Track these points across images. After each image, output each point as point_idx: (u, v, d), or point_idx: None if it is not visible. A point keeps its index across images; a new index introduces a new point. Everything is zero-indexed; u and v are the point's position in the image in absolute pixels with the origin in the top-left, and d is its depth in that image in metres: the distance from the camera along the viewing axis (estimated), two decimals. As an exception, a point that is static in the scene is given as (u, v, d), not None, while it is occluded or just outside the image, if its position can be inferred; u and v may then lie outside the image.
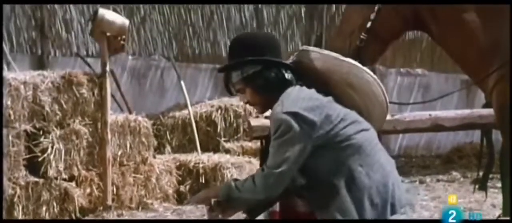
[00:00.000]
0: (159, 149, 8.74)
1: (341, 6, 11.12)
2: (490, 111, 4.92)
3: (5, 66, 7.76)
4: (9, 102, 6.97)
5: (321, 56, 3.55)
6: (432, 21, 4.26)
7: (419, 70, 11.74)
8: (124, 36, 7.46)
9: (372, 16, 4.24)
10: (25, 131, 7.13)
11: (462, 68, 4.43)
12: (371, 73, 3.53)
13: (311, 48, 3.59)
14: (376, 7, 4.23)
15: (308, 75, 3.54)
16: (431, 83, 11.71)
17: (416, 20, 4.29)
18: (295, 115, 3.36)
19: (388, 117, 7.12)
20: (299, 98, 3.43)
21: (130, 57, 10.09)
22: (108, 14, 7.38)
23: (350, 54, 4.19)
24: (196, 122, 8.91)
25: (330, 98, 3.45)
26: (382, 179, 3.39)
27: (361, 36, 4.25)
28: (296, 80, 3.53)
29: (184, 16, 10.44)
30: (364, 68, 3.53)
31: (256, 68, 3.54)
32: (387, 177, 3.40)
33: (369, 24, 4.25)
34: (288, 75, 3.53)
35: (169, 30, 10.41)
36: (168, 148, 9.05)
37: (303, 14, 10.63)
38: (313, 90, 3.46)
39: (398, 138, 11.32)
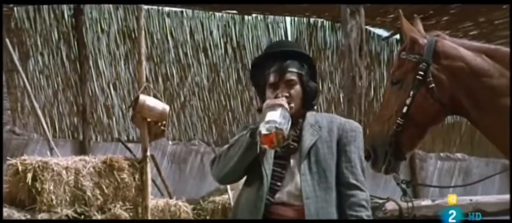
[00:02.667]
0: (199, 234, 8.74)
1: (379, 91, 11.17)
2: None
3: (48, 152, 7.86)
4: (51, 187, 7.03)
5: None
6: (470, 106, 4.25)
7: (459, 155, 11.67)
8: (164, 122, 7.51)
9: (408, 101, 4.25)
10: (67, 215, 7.17)
11: (502, 151, 4.41)
12: None
13: None
14: (411, 92, 4.24)
15: None
16: (471, 168, 11.62)
17: (453, 105, 4.28)
18: None
19: (429, 202, 7.10)
20: None
21: (170, 142, 10.17)
22: (148, 100, 7.45)
23: (388, 139, 4.20)
24: (235, 206, 8.90)
25: None
26: None
27: (398, 121, 4.25)
28: None
29: (223, 102, 10.54)
30: None
31: (311, 74, 3.81)
32: None
33: (405, 109, 4.25)
34: None
35: (209, 115, 10.50)
36: (208, 232, 9.04)
37: (341, 99, 10.69)
38: None
39: (439, 223, 11.18)
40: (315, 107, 3.88)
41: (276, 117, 3.53)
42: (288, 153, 3.70)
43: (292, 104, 3.71)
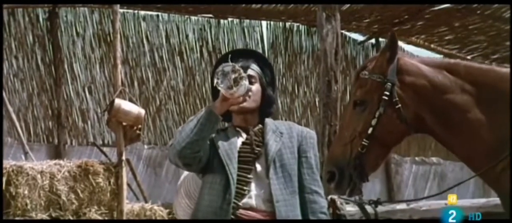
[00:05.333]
0: (174, 238, 8.71)
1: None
2: (506, 200, 4.90)
3: (22, 156, 7.81)
4: (26, 192, 7.00)
5: None
6: (434, 123, 4.25)
7: (434, 159, 11.73)
8: (140, 126, 7.49)
9: (373, 121, 4.23)
10: (41, 220, 7.13)
11: (467, 163, 4.42)
12: None
13: None
14: (377, 113, 4.23)
15: None
16: (446, 172, 11.68)
17: (417, 124, 4.28)
18: None
19: (404, 206, 7.13)
20: None
21: (146, 146, 10.15)
22: (124, 104, 7.42)
23: (351, 161, 4.19)
24: (211, 211, 8.87)
25: None
26: None
27: (363, 143, 4.23)
28: None
29: (199, 106, 10.53)
30: None
31: (271, 83, 3.88)
32: None
33: (370, 130, 4.23)
34: None
35: (185, 119, 10.47)
36: (183, 237, 9.01)
37: (317, 103, 10.71)
38: None
39: (414, 227, 11.24)
40: (272, 116, 3.92)
41: (229, 63, 3.61)
42: (253, 158, 3.72)
43: (253, 99, 3.78)
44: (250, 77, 3.75)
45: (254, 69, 3.81)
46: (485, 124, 4.17)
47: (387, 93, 4.20)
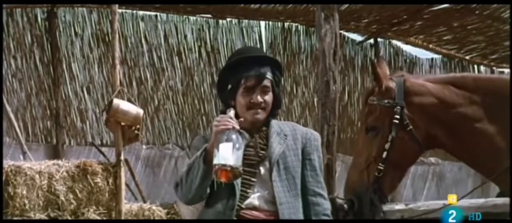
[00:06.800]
0: (173, 239, 8.70)
1: (353, 95, 11.20)
2: (504, 200, 4.91)
3: (20, 156, 7.81)
4: (24, 192, 6.99)
5: None
6: (446, 137, 4.28)
7: (432, 159, 11.72)
8: (138, 126, 7.48)
9: (387, 145, 4.26)
10: (40, 220, 7.12)
11: (477, 169, 4.44)
12: None
13: None
14: (389, 137, 4.25)
15: None
16: (444, 172, 11.67)
17: (429, 141, 4.31)
18: None
19: (402, 206, 7.14)
20: None
21: (144, 146, 10.14)
22: (122, 104, 7.42)
23: (370, 186, 4.22)
24: (209, 211, 8.86)
25: None
26: None
27: (379, 167, 4.26)
28: None
29: (197, 106, 10.53)
30: None
31: (279, 82, 3.82)
32: None
33: (385, 154, 4.26)
34: None
35: (183, 119, 10.48)
36: (182, 237, 9.01)
37: (315, 103, 10.70)
38: None
39: (412, 227, 11.24)
40: (278, 116, 3.91)
41: (229, 154, 3.42)
42: (257, 161, 3.70)
43: (266, 110, 3.74)
44: (264, 87, 3.72)
45: (268, 77, 3.73)
46: (496, 131, 4.20)
47: (397, 117, 4.25)
